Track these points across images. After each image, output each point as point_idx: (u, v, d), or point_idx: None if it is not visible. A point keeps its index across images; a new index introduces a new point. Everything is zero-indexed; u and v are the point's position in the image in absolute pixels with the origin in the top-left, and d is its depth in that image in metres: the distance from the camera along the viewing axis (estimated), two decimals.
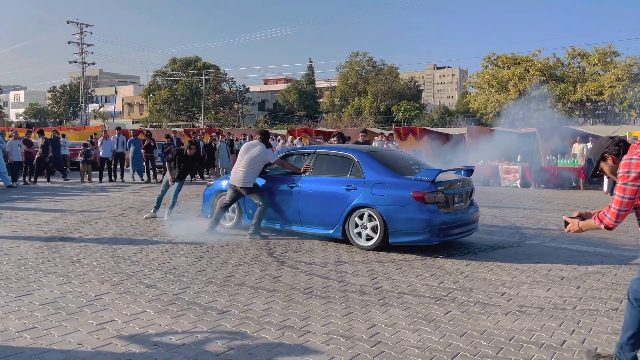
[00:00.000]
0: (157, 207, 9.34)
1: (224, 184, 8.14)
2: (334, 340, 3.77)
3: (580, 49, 38.77)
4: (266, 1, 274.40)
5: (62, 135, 20.15)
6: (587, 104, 38.47)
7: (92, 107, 70.10)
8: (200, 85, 62.65)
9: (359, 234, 6.85)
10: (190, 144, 9.18)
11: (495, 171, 17.44)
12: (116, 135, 17.24)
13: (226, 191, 7.82)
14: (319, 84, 78.32)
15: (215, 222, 7.74)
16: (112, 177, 16.98)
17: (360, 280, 5.37)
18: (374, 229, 6.69)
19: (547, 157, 17.19)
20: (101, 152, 16.70)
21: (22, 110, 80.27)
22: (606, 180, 14.58)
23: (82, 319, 4.10)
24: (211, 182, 8.84)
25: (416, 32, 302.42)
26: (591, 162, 3.33)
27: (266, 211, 7.50)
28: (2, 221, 8.75)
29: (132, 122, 64.77)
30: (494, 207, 11.28)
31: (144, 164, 17.17)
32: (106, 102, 76.96)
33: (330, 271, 5.70)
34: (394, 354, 3.56)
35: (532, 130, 18.77)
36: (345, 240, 7.00)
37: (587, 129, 18.50)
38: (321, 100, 75.64)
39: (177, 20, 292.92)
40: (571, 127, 18.58)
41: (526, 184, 16.81)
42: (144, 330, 3.92)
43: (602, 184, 15.66)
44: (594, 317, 4.36)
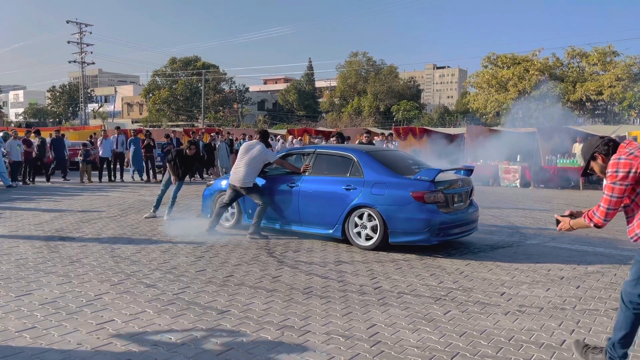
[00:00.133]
0: (157, 206, 9.34)
1: (224, 183, 8.14)
2: (334, 340, 3.77)
3: (579, 48, 38.77)
4: (266, 1, 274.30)
5: (62, 135, 20.11)
6: (586, 103, 38.48)
7: (91, 106, 70.06)
8: (199, 85, 62.68)
9: (359, 234, 6.85)
10: (189, 144, 9.18)
11: (494, 171, 17.43)
12: (116, 135, 17.24)
13: (226, 191, 7.83)
14: (318, 84, 78.34)
15: (214, 221, 7.74)
16: (112, 177, 16.98)
17: (359, 280, 5.37)
18: (374, 229, 6.69)
19: (547, 157, 17.19)
20: (101, 152, 16.69)
21: (21, 110, 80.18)
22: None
23: (81, 319, 4.10)
24: (211, 182, 8.84)
25: (416, 32, 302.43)
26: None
27: (266, 211, 7.50)
28: (1, 221, 8.75)
29: (132, 122, 64.67)
30: (493, 207, 11.27)
31: (144, 163, 17.19)
32: (106, 101, 76.88)
33: (329, 271, 5.70)
34: (393, 353, 3.56)
35: (532, 130, 18.77)
36: (344, 240, 7.00)
37: (586, 128, 18.50)
38: (321, 100, 75.68)
39: (177, 20, 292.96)
40: (571, 127, 18.57)
41: (526, 184, 16.80)
42: (143, 329, 3.92)
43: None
44: (593, 317, 4.36)
